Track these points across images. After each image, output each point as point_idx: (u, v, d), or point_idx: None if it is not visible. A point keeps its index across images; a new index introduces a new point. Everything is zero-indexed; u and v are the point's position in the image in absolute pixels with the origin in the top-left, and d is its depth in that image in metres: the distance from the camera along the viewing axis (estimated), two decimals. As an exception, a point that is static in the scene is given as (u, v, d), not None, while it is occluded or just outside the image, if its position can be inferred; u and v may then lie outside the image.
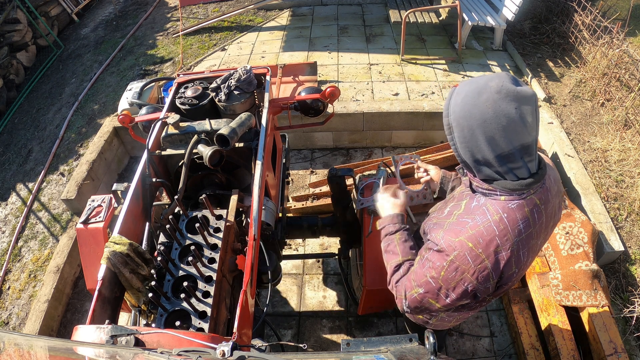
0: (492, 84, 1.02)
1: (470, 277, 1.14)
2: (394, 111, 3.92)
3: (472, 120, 1.04)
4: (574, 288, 2.38)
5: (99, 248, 2.05)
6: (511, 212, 1.10)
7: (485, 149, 1.05)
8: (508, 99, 1.00)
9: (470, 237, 1.12)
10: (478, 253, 1.11)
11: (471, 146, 1.07)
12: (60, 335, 3.01)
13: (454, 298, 1.20)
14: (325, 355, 1.42)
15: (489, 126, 1.02)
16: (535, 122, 1.03)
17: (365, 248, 2.15)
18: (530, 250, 1.17)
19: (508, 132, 1.01)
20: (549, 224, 1.20)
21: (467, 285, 1.16)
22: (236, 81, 2.05)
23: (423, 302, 1.27)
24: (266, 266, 1.71)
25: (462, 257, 1.13)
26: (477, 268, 1.12)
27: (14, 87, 5.43)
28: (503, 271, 1.13)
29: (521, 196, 1.10)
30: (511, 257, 1.12)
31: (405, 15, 4.61)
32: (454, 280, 1.16)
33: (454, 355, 2.63)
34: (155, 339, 1.13)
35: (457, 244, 1.13)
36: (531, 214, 1.11)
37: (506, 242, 1.10)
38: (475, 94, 1.04)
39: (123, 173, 4.27)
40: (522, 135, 1.02)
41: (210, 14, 6.15)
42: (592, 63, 4.16)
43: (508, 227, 1.10)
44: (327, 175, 2.32)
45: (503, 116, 1.00)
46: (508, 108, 1.00)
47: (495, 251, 1.11)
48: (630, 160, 3.32)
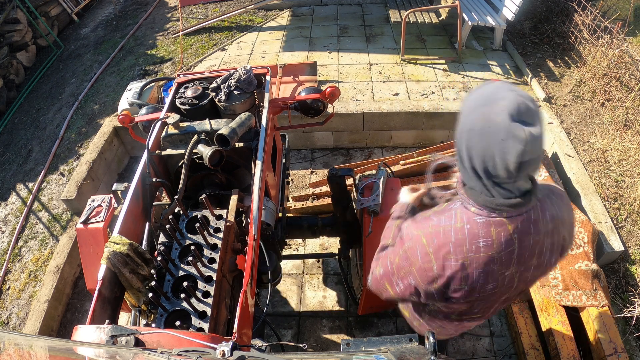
0: (500, 104, 0.94)
1: (415, 272, 1.14)
2: (394, 111, 3.92)
3: (466, 122, 1.01)
4: (574, 288, 2.38)
5: (99, 248, 2.05)
6: (474, 225, 1.04)
7: (464, 153, 1.03)
8: (501, 128, 0.92)
9: (427, 234, 1.10)
10: (428, 251, 1.10)
11: (457, 141, 1.05)
12: (60, 335, 3.01)
13: (402, 288, 1.21)
14: (325, 355, 1.42)
15: (473, 138, 0.99)
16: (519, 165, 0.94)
17: (365, 248, 2.15)
18: (490, 275, 1.09)
19: (485, 155, 0.96)
20: (528, 260, 1.10)
21: (411, 279, 1.17)
22: (236, 81, 2.05)
23: (380, 284, 1.29)
24: (266, 266, 1.71)
25: (413, 250, 1.12)
26: (422, 266, 1.12)
27: (14, 87, 5.43)
28: (448, 281, 1.10)
29: (490, 214, 1.03)
30: (459, 271, 1.08)
31: (405, 15, 4.61)
32: (402, 269, 1.18)
33: (454, 355, 2.63)
34: (155, 339, 1.13)
35: (414, 237, 1.13)
36: (497, 237, 1.04)
37: (459, 252, 1.06)
38: (482, 101, 0.99)
39: (123, 173, 4.27)
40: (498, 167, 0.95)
41: (210, 14, 6.15)
42: (592, 63, 4.16)
43: (466, 239, 1.05)
44: (327, 175, 2.32)
45: (486, 138, 0.95)
46: (496, 134, 0.93)
47: (444, 257, 1.07)
48: (630, 160, 3.32)
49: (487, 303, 1.25)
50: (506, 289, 1.17)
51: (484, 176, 1.00)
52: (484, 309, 1.31)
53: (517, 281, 1.16)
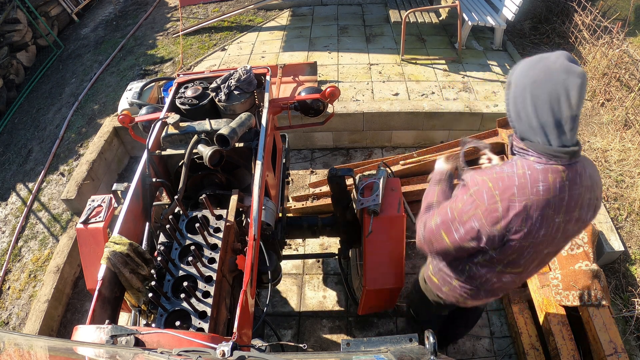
0: (552, 56, 1.16)
1: (480, 214, 1.24)
2: (394, 111, 3.92)
3: (526, 79, 1.18)
4: (574, 288, 2.38)
5: (99, 248, 2.05)
6: (535, 171, 1.19)
7: (529, 107, 1.18)
8: (560, 70, 1.13)
9: (493, 179, 1.23)
10: (494, 194, 1.21)
11: (519, 102, 1.20)
12: (60, 335, 3.01)
13: (462, 234, 1.30)
14: (325, 355, 1.42)
15: (538, 87, 1.15)
16: (579, 98, 1.13)
17: (365, 248, 2.15)
18: (545, 219, 1.21)
19: (552, 97, 1.13)
20: (572, 210, 1.23)
21: (476, 222, 1.26)
22: (236, 81, 2.05)
23: (436, 234, 1.38)
24: (266, 266, 1.71)
25: (480, 193, 1.24)
26: (488, 207, 1.22)
27: (14, 87, 5.43)
28: (511, 222, 1.21)
29: (548, 161, 1.18)
30: (522, 212, 1.19)
31: (405, 15, 4.61)
32: (467, 213, 1.27)
33: (454, 355, 2.63)
34: (155, 339, 1.13)
35: (480, 181, 1.25)
36: (553, 182, 1.18)
37: (522, 194, 1.18)
38: (536, 60, 1.18)
39: (123, 173, 4.27)
40: (562, 105, 1.13)
41: (210, 14, 6.15)
42: (592, 63, 4.16)
43: (528, 183, 1.18)
44: (327, 175, 2.32)
45: (551, 81, 1.13)
46: (558, 76, 1.12)
47: (509, 198, 1.19)
48: (630, 160, 3.32)
49: (533, 254, 1.34)
50: (552, 238, 1.29)
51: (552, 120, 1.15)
52: (527, 262, 1.39)
53: (561, 232, 1.28)
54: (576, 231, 1.33)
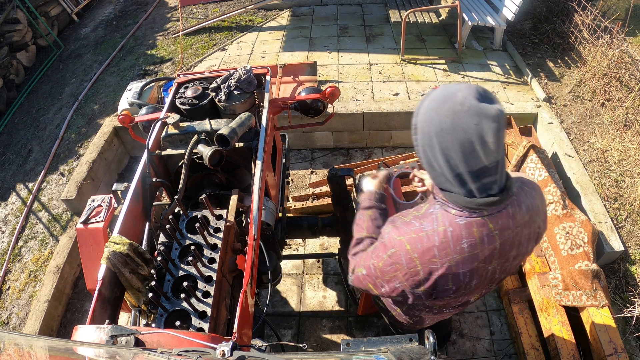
0: (459, 95, 0.98)
1: (401, 277, 1.14)
2: (394, 111, 3.92)
3: (432, 127, 1.01)
4: (574, 288, 2.38)
5: (99, 248, 2.05)
6: (457, 227, 1.05)
7: (440, 159, 1.02)
8: (470, 113, 0.95)
9: (410, 239, 1.10)
10: (413, 257, 1.10)
11: (428, 152, 1.05)
12: (60, 335, 3.01)
13: (387, 290, 1.21)
14: (325, 355, 1.42)
15: (445, 137, 0.98)
16: (497, 143, 0.97)
17: (365, 248, 2.15)
18: (475, 273, 1.11)
19: (464, 147, 0.97)
20: (507, 252, 1.12)
21: (397, 283, 1.16)
22: (236, 81, 2.05)
23: (363, 284, 1.29)
24: (266, 266, 1.71)
25: (398, 256, 1.12)
26: (408, 271, 1.12)
27: (14, 87, 5.43)
28: (436, 283, 1.11)
29: (472, 215, 1.04)
30: (446, 273, 1.09)
31: (405, 15, 4.61)
32: (387, 274, 1.17)
33: (454, 355, 2.63)
34: (155, 339, 1.13)
35: (397, 243, 1.13)
36: (480, 237, 1.05)
37: (444, 256, 1.07)
38: (440, 101, 1.00)
39: (123, 173, 4.27)
40: (479, 154, 0.97)
41: (210, 14, 6.15)
42: (592, 63, 4.16)
43: (450, 242, 1.06)
44: (327, 175, 2.32)
45: (461, 129, 0.96)
46: (467, 122, 0.95)
47: (430, 261, 1.08)
48: (630, 160, 3.32)
49: (470, 296, 1.27)
50: (488, 281, 1.20)
51: (468, 172, 1.00)
52: (465, 302, 1.34)
53: (499, 273, 1.18)
54: (516, 265, 1.23)
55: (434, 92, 1.04)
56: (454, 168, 1.01)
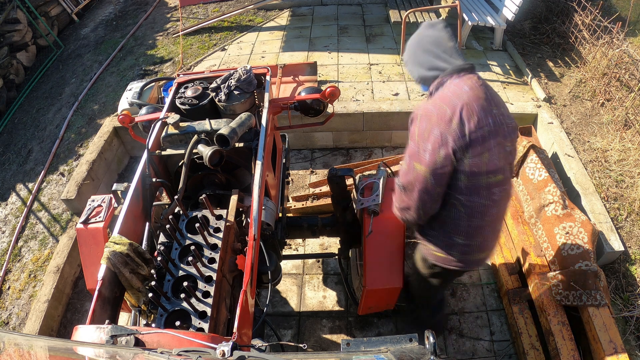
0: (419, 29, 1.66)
1: (435, 122, 1.50)
2: (394, 111, 3.92)
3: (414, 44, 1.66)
4: (574, 288, 2.38)
5: (99, 248, 2.05)
6: (457, 83, 1.54)
7: (426, 56, 1.60)
8: (426, 28, 1.64)
9: (431, 101, 1.56)
10: (439, 104, 1.52)
11: (418, 58, 1.63)
12: (60, 335, 3.01)
13: (429, 150, 1.52)
14: (325, 355, 1.42)
15: (421, 43, 1.62)
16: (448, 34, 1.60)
17: (365, 248, 2.15)
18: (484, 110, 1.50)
19: (432, 42, 1.60)
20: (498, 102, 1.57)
21: (435, 129, 1.50)
22: (236, 81, 2.05)
23: (410, 172, 1.60)
24: (266, 266, 1.71)
25: (427, 110, 1.54)
26: (439, 114, 1.50)
27: (14, 87, 5.43)
28: (461, 117, 1.48)
29: (459, 75, 1.54)
30: (464, 106, 1.48)
31: (405, 15, 4.61)
32: (425, 131, 1.53)
33: (454, 355, 2.63)
34: (155, 339, 1.13)
35: (423, 106, 1.57)
36: (473, 84, 1.52)
37: (457, 98, 1.50)
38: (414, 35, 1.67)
39: (123, 173, 4.27)
40: (442, 42, 1.58)
41: (210, 14, 6.15)
42: (592, 63, 4.16)
43: (457, 90, 1.51)
44: (327, 175, 2.32)
45: (426, 36, 1.62)
46: (426, 33, 1.62)
47: (450, 104, 1.50)
48: (630, 160, 3.32)
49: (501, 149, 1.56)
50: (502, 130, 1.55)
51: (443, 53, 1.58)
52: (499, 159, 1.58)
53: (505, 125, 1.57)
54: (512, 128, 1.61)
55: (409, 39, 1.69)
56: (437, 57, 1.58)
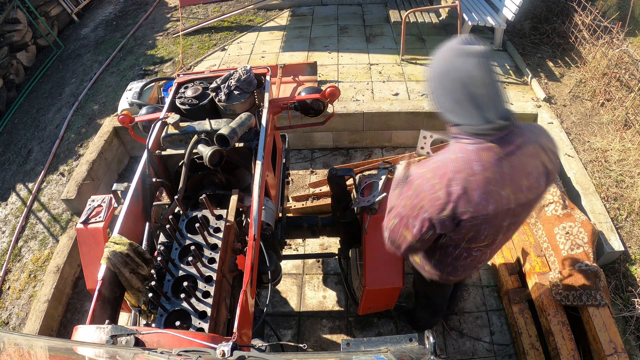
0: (448, 44, 1.26)
1: (427, 205, 1.31)
2: (394, 111, 3.92)
3: (435, 74, 1.28)
4: (574, 288, 2.38)
5: (99, 248, 2.05)
6: (468, 152, 1.25)
7: (445, 97, 1.27)
8: (456, 55, 1.21)
9: (430, 169, 1.31)
10: (434, 183, 1.28)
11: (438, 95, 1.29)
12: (60, 335, 3.01)
13: (418, 227, 1.36)
14: (325, 355, 1.42)
15: (445, 78, 1.24)
16: (483, 75, 1.19)
17: (365, 248, 2.15)
18: (490, 196, 1.26)
19: (459, 83, 1.21)
20: (518, 180, 1.28)
21: (425, 213, 1.32)
22: (236, 81, 2.05)
23: (398, 233, 1.45)
24: (266, 266, 1.71)
25: (421, 185, 1.31)
26: (431, 196, 1.29)
27: (14, 87, 5.43)
28: (455, 205, 1.27)
29: (480, 141, 1.24)
30: (463, 194, 1.25)
31: (405, 15, 4.61)
32: (415, 207, 1.34)
33: (454, 355, 2.63)
34: (155, 339, 1.13)
35: (420, 175, 1.33)
36: (487, 159, 1.24)
37: (459, 178, 1.25)
38: (439, 54, 1.28)
39: (123, 173, 4.27)
40: (471, 86, 1.20)
41: (210, 14, 6.15)
42: (592, 63, 4.16)
43: (462, 165, 1.25)
44: (327, 175, 2.32)
45: (453, 69, 1.21)
46: (455, 62, 1.21)
47: (448, 183, 1.26)
48: (630, 160, 3.32)
49: (492, 228, 1.39)
50: (506, 211, 1.33)
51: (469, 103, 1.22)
52: (489, 236, 1.44)
53: (515, 203, 1.32)
54: (533, 199, 1.36)
55: (436, 54, 1.30)
56: (458, 103, 1.24)
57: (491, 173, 1.23)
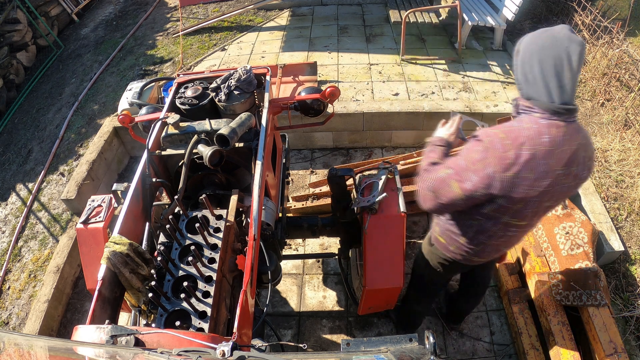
0: (557, 28, 1.34)
1: (493, 161, 1.35)
2: (394, 111, 3.92)
3: (534, 46, 1.35)
4: (574, 288, 2.38)
5: (99, 248, 2.05)
6: (540, 125, 1.34)
7: (536, 69, 1.34)
8: (564, 38, 1.31)
9: (504, 131, 1.38)
10: (506, 143, 1.34)
11: (526, 66, 1.37)
12: (60, 335, 3.01)
13: (476, 181, 1.39)
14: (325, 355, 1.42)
15: (544, 52, 1.32)
16: (579, 63, 1.30)
17: (365, 248, 2.15)
18: (548, 169, 1.35)
19: (556, 61, 1.30)
20: (571, 162, 1.37)
21: (490, 168, 1.36)
22: (236, 81, 2.05)
23: (445, 184, 1.46)
24: (266, 266, 1.71)
25: (493, 142, 1.37)
26: (501, 154, 1.34)
27: (14, 87, 5.43)
28: (521, 168, 1.33)
29: (552, 117, 1.33)
30: (530, 159, 1.32)
31: (405, 15, 4.61)
32: (480, 161, 1.38)
33: (454, 355, 2.63)
34: (155, 339, 1.13)
35: (492, 133, 1.39)
36: (556, 135, 1.33)
37: (530, 144, 1.32)
38: (542, 31, 1.36)
39: (123, 173, 4.27)
40: (565, 67, 1.30)
41: (210, 14, 6.15)
42: (592, 63, 4.16)
43: (535, 135, 1.33)
44: (327, 175, 2.32)
45: (556, 47, 1.31)
46: (561, 43, 1.30)
47: (519, 147, 1.33)
48: (630, 160, 3.32)
49: (537, 205, 1.46)
50: (553, 190, 1.41)
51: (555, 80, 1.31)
52: (531, 213, 1.50)
53: (561, 185, 1.41)
54: (572, 187, 1.46)
55: (536, 30, 1.39)
56: (545, 77, 1.32)
57: (555, 148, 1.33)
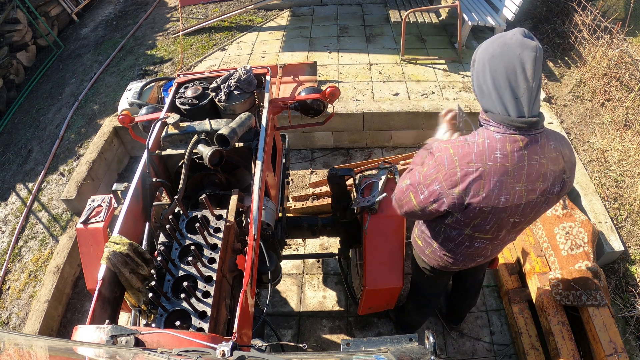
0: (509, 33, 1.25)
1: (441, 178, 1.35)
2: (394, 111, 3.92)
3: (486, 55, 1.27)
4: (574, 288, 2.38)
5: (99, 248, 2.05)
6: (493, 140, 1.28)
7: (488, 81, 1.27)
8: (515, 44, 1.21)
9: (455, 146, 1.34)
10: (454, 160, 1.32)
11: (480, 77, 1.30)
12: (60, 335, 3.01)
13: (426, 195, 1.42)
14: (325, 355, 1.42)
15: (495, 62, 1.24)
16: (534, 71, 1.20)
17: (365, 248, 2.15)
18: (503, 186, 1.30)
19: (508, 70, 1.22)
20: (535, 178, 1.31)
21: (437, 185, 1.37)
22: (236, 81, 2.05)
23: (405, 194, 1.52)
24: (266, 266, 1.71)
25: (442, 158, 1.35)
26: (448, 171, 1.33)
27: (14, 87, 5.43)
28: (468, 186, 1.31)
29: (507, 131, 1.26)
30: (478, 177, 1.29)
31: (405, 15, 4.61)
32: (430, 177, 1.39)
33: (454, 355, 2.63)
34: (155, 339, 1.13)
35: (443, 149, 1.36)
36: (511, 151, 1.26)
37: (479, 161, 1.28)
38: (495, 38, 1.28)
39: (123, 173, 4.27)
40: (519, 77, 1.21)
41: (210, 14, 6.15)
42: (592, 63, 4.16)
43: (485, 151, 1.28)
44: (327, 175, 2.32)
45: (507, 56, 1.22)
46: (513, 50, 1.21)
47: (467, 164, 1.30)
48: (630, 160, 3.32)
49: (499, 221, 1.43)
50: (515, 207, 1.36)
51: (509, 92, 1.23)
52: (494, 228, 1.48)
53: (525, 202, 1.35)
54: (543, 203, 1.39)
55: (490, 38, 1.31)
56: (498, 88, 1.25)
57: (510, 165, 1.27)
